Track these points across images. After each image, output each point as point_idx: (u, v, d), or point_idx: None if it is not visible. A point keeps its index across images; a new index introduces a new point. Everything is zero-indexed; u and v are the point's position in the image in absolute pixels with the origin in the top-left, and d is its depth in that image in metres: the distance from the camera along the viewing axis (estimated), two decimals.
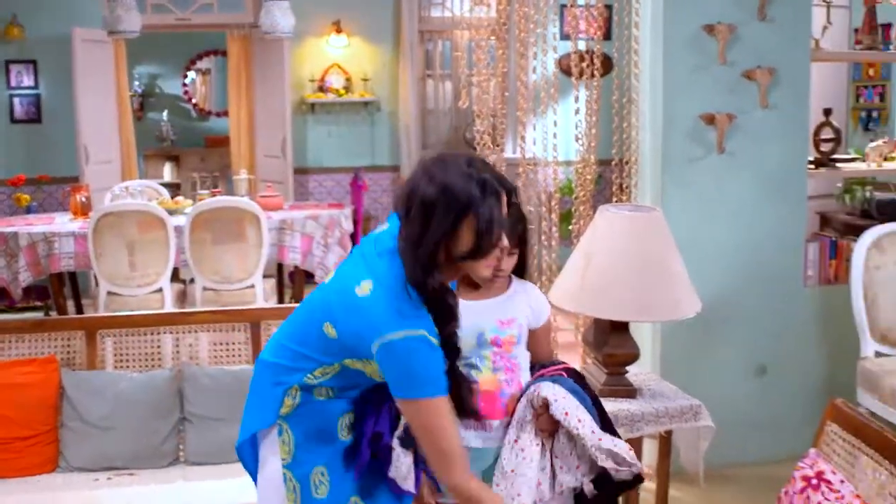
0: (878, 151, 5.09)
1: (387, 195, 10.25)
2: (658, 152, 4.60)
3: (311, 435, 2.52)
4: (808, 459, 2.58)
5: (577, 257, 3.63)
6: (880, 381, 4.28)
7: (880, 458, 2.37)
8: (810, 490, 2.46)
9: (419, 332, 2.27)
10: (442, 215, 2.25)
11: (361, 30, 9.88)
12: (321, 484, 2.53)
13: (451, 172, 2.27)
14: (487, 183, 2.27)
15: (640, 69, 4.71)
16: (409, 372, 2.28)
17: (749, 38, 4.61)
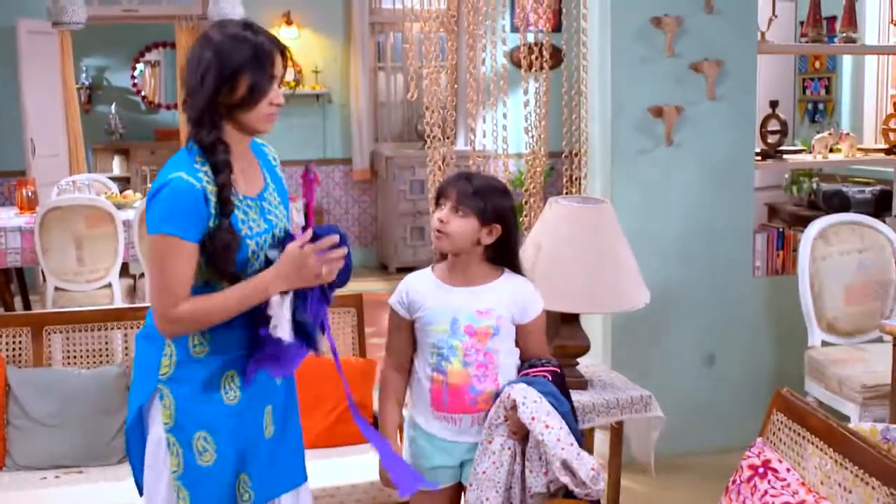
0: (824, 143, 5.16)
1: (339, 188, 10.23)
2: (607, 144, 4.63)
3: (191, 396, 2.46)
4: (754, 448, 2.60)
5: (527, 249, 3.63)
6: (826, 369, 4.34)
7: (825, 447, 2.40)
8: (757, 478, 2.49)
9: (177, 174, 2.36)
10: (216, 72, 2.36)
11: (312, 21, 9.84)
12: (205, 451, 2.47)
13: (227, 34, 2.40)
14: (261, 44, 2.40)
15: (588, 61, 4.73)
16: (157, 208, 2.36)
17: (696, 31, 4.64)
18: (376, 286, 9.46)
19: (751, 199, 4.88)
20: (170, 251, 2.36)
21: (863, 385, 4.11)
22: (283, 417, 2.68)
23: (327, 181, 10.15)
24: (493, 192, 2.81)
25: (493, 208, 2.78)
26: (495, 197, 2.81)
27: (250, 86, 2.39)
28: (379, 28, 10.19)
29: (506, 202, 2.83)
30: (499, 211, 2.80)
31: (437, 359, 2.80)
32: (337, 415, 3.82)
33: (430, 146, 4.82)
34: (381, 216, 10.13)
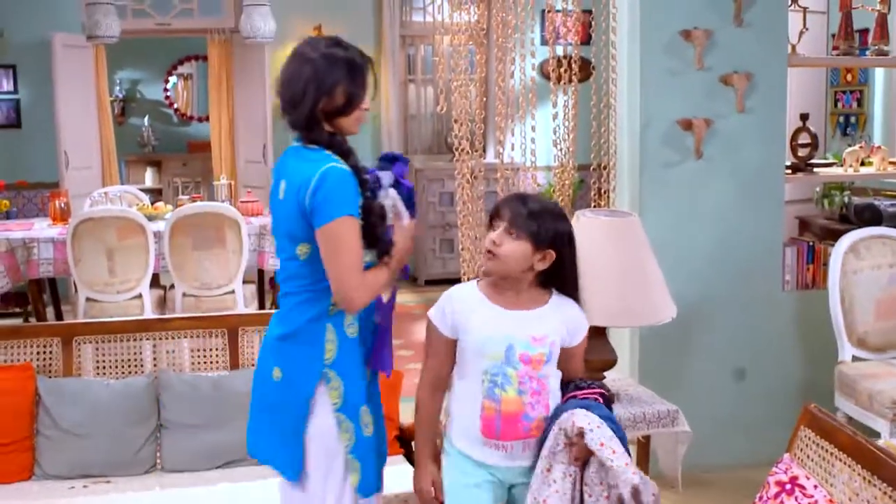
0: (855, 156, 5.12)
1: None
2: (636, 157, 4.62)
3: (354, 374, 2.71)
4: (782, 464, 2.58)
5: None
6: (857, 385, 4.29)
7: (853, 464, 2.38)
8: (784, 495, 2.47)
9: (328, 164, 2.61)
10: (316, 85, 2.64)
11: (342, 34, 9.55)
12: (368, 424, 2.75)
13: (322, 52, 2.68)
14: (353, 59, 2.69)
15: (617, 74, 4.72)
16: (330, 196, 2.58)
17: (726, 44, 4.63)
18: (405, 298, 9.47)
19: (780, 213, 4.84)
20: (351, 230, 2.59)
21: (893, 401, 4.07)
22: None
23: None
24: (548, 215, 2.74)
25: (548, 232, 2.72)
26: (550, 220, 2.74)
27: (347, 96, 2.67)
28: (409, 41, 10.23)
29: (561, 226, 2.77)
30: (553, 235, 2.73)
31: (489, 385, 2.72)
32: None
33: (458, 159, 4.83)
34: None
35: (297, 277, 2.71)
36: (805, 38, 5.03)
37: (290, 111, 2.72)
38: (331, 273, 2.62)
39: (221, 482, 3.63)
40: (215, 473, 3.71)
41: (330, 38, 2.78)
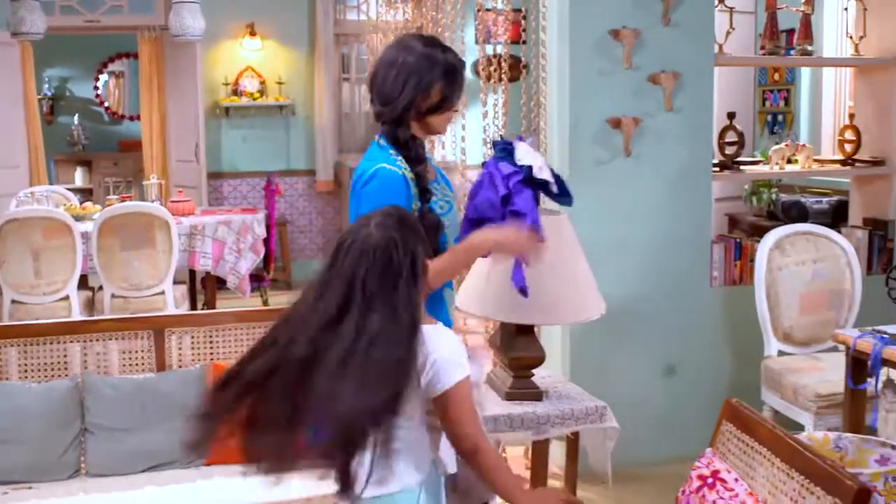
0: (781, 154, 5.19)
1: (303, 200, 10.19)
2: (566, 155, 4.64)
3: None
4: (704, 459, 2.61)
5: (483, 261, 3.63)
6: (782, 379, 4.36)
7: (772, 457, 2.41)
8: (706, 489, 2.50)
9: (380, 165, 2.76)
10: (415, 83, 2.76)
11: (276, 33, 9.80)
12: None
13: (421, 52, 2.79)
14: (450, 61, 2.81)
15: (547, 73, 4.74)
16: (373, 196, 2.71)
17: (654, 43, 4.67)
18: None
19: (708, 210, 4.90)
20: None
21: (817, 394, 4.14)
22: None
23: (291, 192, 10.10)
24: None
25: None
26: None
27: (442, 96, 2.80)
28: (343, 39, 10.18)
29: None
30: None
31: None
32: None
33: None
34: (345, 227, 10.07)
35: None
36: (734, 38, 5.10)
37: (382, 106, 2.82)
38: None
39: (148, 486, 3.58)
40: (141, 477, 3.65)
41: (429, 37, 2.93)
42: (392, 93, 2.78)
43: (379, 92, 2.82)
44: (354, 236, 2.31)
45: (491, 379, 3.82)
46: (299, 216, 10.21)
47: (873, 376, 3.68)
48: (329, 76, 9.92)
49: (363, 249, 2.26)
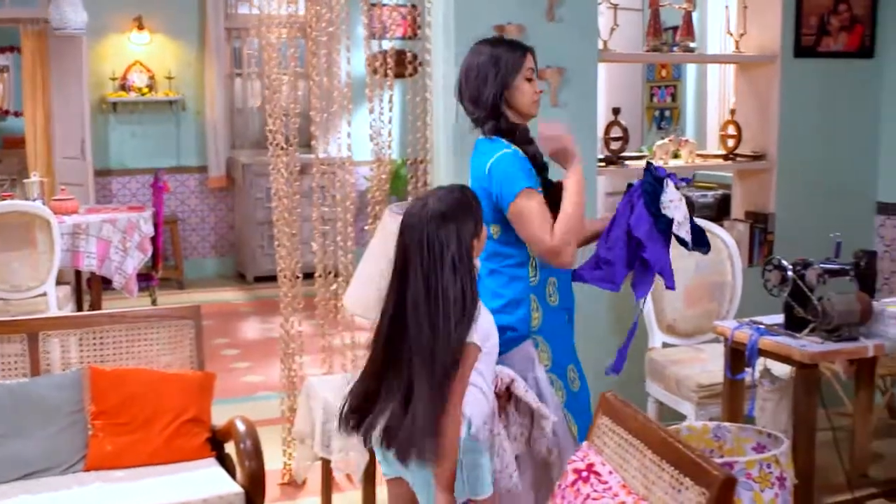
0: (665, 149, 5.27)
1: (194, 196, 10.03)
2: (451, 151, 4.63)
3: (557, 340, 3.17)
4: (580, 452, 2.63)
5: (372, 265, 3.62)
6: (665, 370, 4.43)
7: (644, 448, 2.43)
8: (581, 483, 2.51)
9: (500, 152, 3.06)
10: (493, 73, 3.09)
11: (164, 26, 9.63)
12: (574, 379, 3.24)
13: (486, 44, 3.18)
14: (518, 43, 3.20)
15: (432, 69, 4.73)
16: (504, 179, 3.00)
17: (539, 39, 4.65)
18: (233, 296, 9.31)
19: (595, 205, 4.95)
20: (529, 201, 2.97)
21: (698, 384, 4.22)
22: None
23: (182, 189, 9.93)
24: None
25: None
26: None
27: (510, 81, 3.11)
28: (235, 34, 10.03)
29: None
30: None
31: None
32: (174, 430, 3.71)
33: (273, 154, 4.75)
34: (238, 224, 9.98)
35: (496, 256, 3.11)
36: (623, 35, 5.16)
37: (475, 108, 3.17)
38: (529, 243, 3.02)
39: (21, 495, 3.45)
40: (14, 486, 3.52)
41: (495, 37, 3.30)
42: (477, 94, 3.12)
43: (469, 98, 3.17)
44: (414, 209, 2.73)
45: None
46: (191, 213, 10.05)
47: (750, 366, 3.76)
48: (220, 71, 9.78)
49: (422, 216, 2.69)
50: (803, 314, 3.71)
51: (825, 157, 5.51)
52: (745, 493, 3.44)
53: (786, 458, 3.48)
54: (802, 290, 3.70)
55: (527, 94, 3.13)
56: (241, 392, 6.33)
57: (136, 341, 3.92)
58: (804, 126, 5.42)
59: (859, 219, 5.68)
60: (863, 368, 4.27)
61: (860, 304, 3.66)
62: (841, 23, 5.39)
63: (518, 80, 3.11)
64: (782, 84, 5.33)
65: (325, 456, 3.71)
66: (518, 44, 3.19)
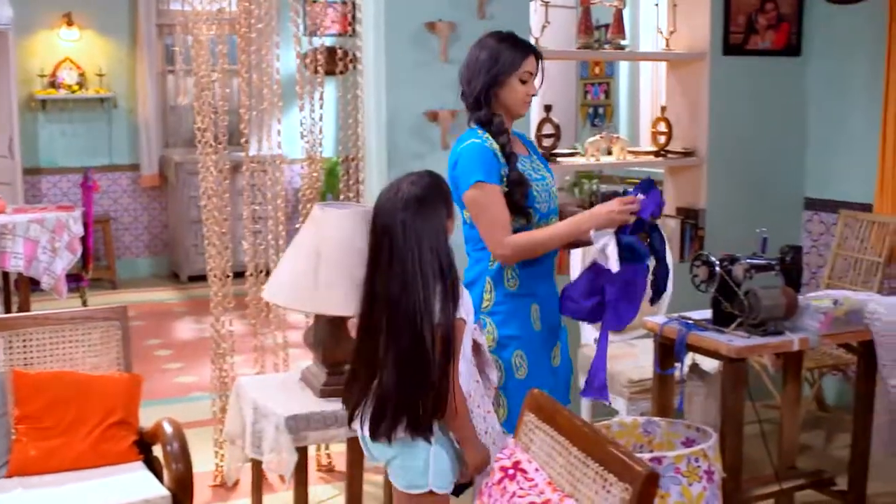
0: (596, 146, 5.30)
1: (127, 195, 9.89)
2: (383, 149, 4.62)
3: (510, 323, 3.17)
4: (507, 450, 2.62)
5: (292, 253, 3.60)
6: None
7: (570, 445, 2.43)
8: (507, 480, 2.51)
9: (467, 142, 3.17)
10: (487, 68, 3.18)
11: (94, 22, 9.48)
12: (521, 367, 3.22)
13: (493, 38, 3.24)
14: (523, 45, 3.24)
15: (363, 66, 4.70)
16: (462, 169, 3.14)
17: (470, 36, 4.63)
18: (167, 296, 9.20)
19: None
20: (483, 195, 3.11)
21: (629, 380, 4.25)
22: (565, 352, 3.45)
23: (114, 188, 9.79)
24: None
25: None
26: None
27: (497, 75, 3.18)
28: (167, 30, 9.90)
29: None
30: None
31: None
32: (100, 433, 3.64)
33: (202, 152, 4.69)
34: (172, 223, 9.86)
35: (468, 240, 3.26)
36: (555, 32, 5.17)
37: (464, 96, 3.27)
38: (480, 233, 3.15)
39: None
40: None
41: (502, 33, 3.30)
42: (469, 83, 3.23)
43: (464, 85, 3.26)
44: (387, 194, 2.83)
45: (306, 376, 3.77)
46: (123, 212, 9.91)
47: (679, 361, 3.79)
48: (152, 68, 9.66)
49: (396, 201, 2.79)
50: (730, 309, 3.75)
51: (754, 154, 5.58)
52: (673, 487, 3.47)
53: (714, 451, 3.52)
54: (729, 286, 3.74)
55: (517, 94, 3.21)
56: (174, 393, 6.25)
57: (61, 343, 3.84)
58: (733, 123, 5.49)
59: (787, 214, 5.78)
60: (790, 362, 4.32)
61: (785, 298, 3.71)
62: (768, 21, 5.47)
63: (511, 78, 3.18)
64: (711, 81, 5.39)
65: (255, 457, 3.66)
66: (523, 45, 3.25)
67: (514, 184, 3.15)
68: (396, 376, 2.75)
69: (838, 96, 5.57)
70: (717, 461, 3.53)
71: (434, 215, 2.81)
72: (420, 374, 2.74)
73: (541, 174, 3.30)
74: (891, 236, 5.14)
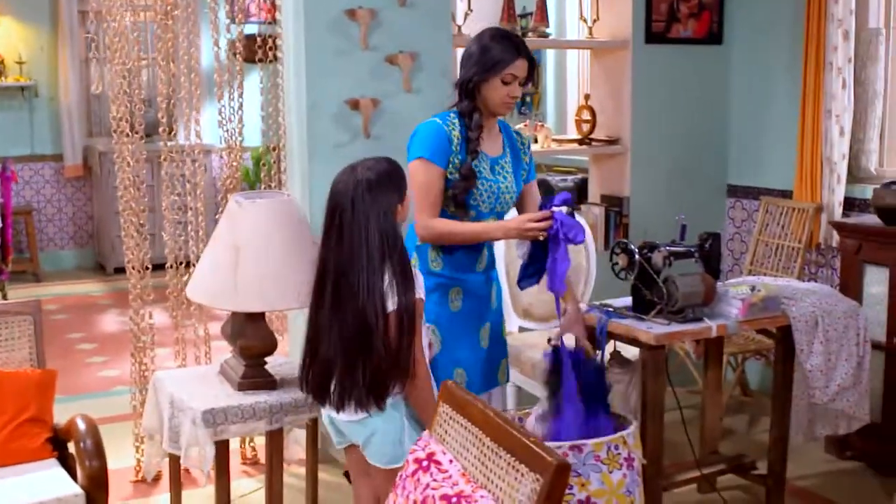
0: None
1: (50, 186, 9.69)
2: (304, 138, 4.56)
3: (425, 298, 3.08)
4: (421, 442, 2.60)
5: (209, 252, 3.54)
6: (522, 354, 4.45)
7: (483, 436, 2.42)
8: (421, 472, 2.48)
9: (430, 120, 3.31)
10: (475, 62, 3.27)
11: (13, 9, 9.26)
12: (434, 344, 3.26)
13: (488, 34, 3.31)
14: (517, 47, 3.27)
15: (284, 54, 4.64)
16: (413, 144, 3.31)
17: (391, 24, 4.65)
18: (93, 288, 9.04)
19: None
20: (419, 173, 3.25)
21: None
22: (497, 335, 3.53)
23: (36, 179, 9.58)
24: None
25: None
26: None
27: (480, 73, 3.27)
28: (90, 17, 9.70)
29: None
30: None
31: None
32: (11, 431, 3.54)
33: (117, 142, 4.60)
34: (97, 214, 9.68)
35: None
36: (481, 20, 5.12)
37: (455, 84, 3.38)
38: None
39: None
40: None
41: (495, 29, 3.43)
42: (459, 72, 3.34)
43: (459, 72, 3.36)
44: (343, 176, 2.99)
45: (225, 369, 3.71)
46: (47, 203, 9.71)
47: (600, 349, 3.80)
48: (74, 55, 9.46)
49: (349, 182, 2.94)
50: (650, 297, 3.77)
51: (677, 142, 5.63)
52: (593, 474, 3.48)
53: (633, 438, 3.53)
54: (648, 273, 3.75)
55: (497, 94, 3.28)
56: (97, 387, 6.14)
57: None
58: (656, 111, 5.52)
59: (711, 201, 5.84)
60: (711, 348, 4.36)
61: (704, 285, 3.74)
62: (690, 10, 5.51)
63: (494, 77, 3.24)
64: (634, 70, 5.42)
65: (173, 452, 3.60)
66: (517, 47, 3.28)
67: (462, 177, 3.27)
68: (341, 349, 2.91)
69: (760, 84, 5.63)
70: (638, 448, 3.54)
71: (384, 198, 2.92)
72: (363, 348, 2.88)
73: (500, 176, 3.38)
74: (809, 222, 5.22)
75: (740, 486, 4.49)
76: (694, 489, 4.41)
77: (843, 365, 4.03)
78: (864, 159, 5.17)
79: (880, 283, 4.62)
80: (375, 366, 2.90)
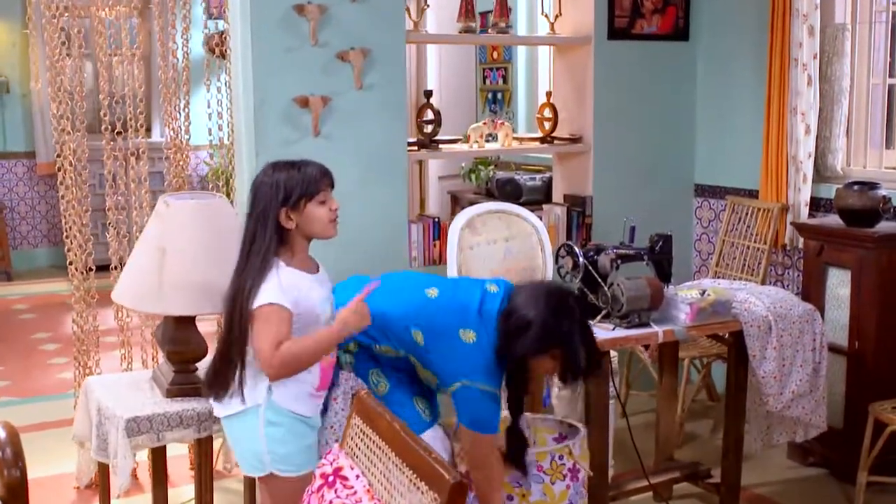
0: (479, 132, 5.19)
1: (23, 184, 9.59)
2: (252, 136, 4.45)
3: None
4: (330, 456, 2.50)
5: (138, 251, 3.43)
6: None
7: (389, 451, 2.32)
8: (326, 488, 2.39)
9: (494, 390, 3.09)
10: (532, 340, 3.04)
11: None
12: (379, 382, 3.24)
13: (550, 307, 3.06)
14: (582, 325, 3.12)
15: (231, 50, 4.53)
16: (478, 413, 3.08)
17: (341, 19, 4.53)
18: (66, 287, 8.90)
19: (404, 189, 4.83)
20: (490, 444, 3.16)
21: None
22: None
23: (8, 176, 9.49)
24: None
25: None
26: None
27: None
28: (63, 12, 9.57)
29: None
30: None
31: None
32: None
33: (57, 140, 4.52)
34: None
35: (386, 327, 3.17)
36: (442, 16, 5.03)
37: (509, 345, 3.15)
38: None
39: None
40: None
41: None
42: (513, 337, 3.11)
43: None
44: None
45: (156, 374, 3.61)
46: (20, 201, 9.61)
47: None
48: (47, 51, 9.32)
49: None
50: (595, 301, 3.66)
51: (642, 140, 5.51)
52: (535, 485, 3.39)
53: (580, 449, 3.44)
54: (594, 276, 3.65)
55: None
56: (54, 390, 6.05)
57: None
58: (620, 108, 5.41)
59: (678, 201, 5.72)
60: (665, 353, 4.25)
61: (650, 289, 3.63)
62: (654, 5, 5.39)
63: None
64: (596, 67, 5.30)
65: (101, 459, 3.49)
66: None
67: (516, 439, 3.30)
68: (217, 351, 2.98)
69: (726, 81, 5.52)
70: (585, 458, 3.45)
71: (265, 201, 2.91)
72: (225, 349, 2.93)
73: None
74: (775, 222, 5.10)
75: (696, 495, 4.38)
76: (650, 497, 4.30)
77: (797, 371, 3.93)
78: (831, 158, 5.05)
79: (844, 286, 4.51)
80: (215, 358, 2.99)
